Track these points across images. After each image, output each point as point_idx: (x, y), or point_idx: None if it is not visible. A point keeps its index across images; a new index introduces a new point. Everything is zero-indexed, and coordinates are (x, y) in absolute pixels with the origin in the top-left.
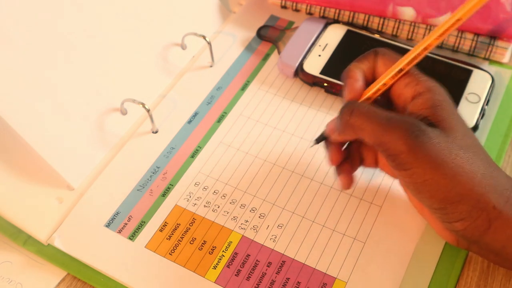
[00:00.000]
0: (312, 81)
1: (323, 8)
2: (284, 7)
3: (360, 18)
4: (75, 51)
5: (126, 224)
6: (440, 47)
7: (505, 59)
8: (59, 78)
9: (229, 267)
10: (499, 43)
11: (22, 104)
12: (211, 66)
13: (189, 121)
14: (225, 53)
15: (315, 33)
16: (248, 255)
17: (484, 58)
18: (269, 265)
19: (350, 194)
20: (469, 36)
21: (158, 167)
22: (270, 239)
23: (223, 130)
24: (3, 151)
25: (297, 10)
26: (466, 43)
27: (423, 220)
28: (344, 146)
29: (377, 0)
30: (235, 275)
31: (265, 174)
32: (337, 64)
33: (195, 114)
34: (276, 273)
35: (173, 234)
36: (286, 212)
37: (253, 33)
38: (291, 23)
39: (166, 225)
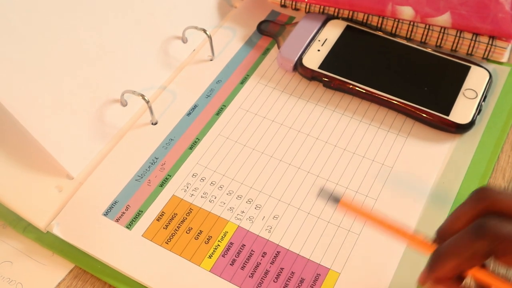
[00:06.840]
0: (310, 76)
1: (322, 7)
2: (283, 6)
3: (359, 17)
4: (76, 42)
5: (123, 213)
6: (439, 46)
7: (504, 59)
8: (60, 68)
9: (224, 257)
10: (498, 43)
11: (24, 93)
12: (211, 60)
13: (188, 114)
14: (225, 47)
15: (315, 28)
16: (243, 245)
17: (483, 58)
18: (263, 255)
19: (346, 187)
20: (468, 36)
21: (156, 158)
22: (266, 229)
23: (221, 123)
24: (4, 140)
25: (296, 9)
26: (465, 43)
27: (416, 214)
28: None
29: None
30: (230, 264)
31: (262, 166)
32: (336, 59)
33: (195, 107)
34: (270, 263)
35: (170, 223)
36: (282, 204)
37: (253, 28)
38: (292, 18)
39: (163, 215)
